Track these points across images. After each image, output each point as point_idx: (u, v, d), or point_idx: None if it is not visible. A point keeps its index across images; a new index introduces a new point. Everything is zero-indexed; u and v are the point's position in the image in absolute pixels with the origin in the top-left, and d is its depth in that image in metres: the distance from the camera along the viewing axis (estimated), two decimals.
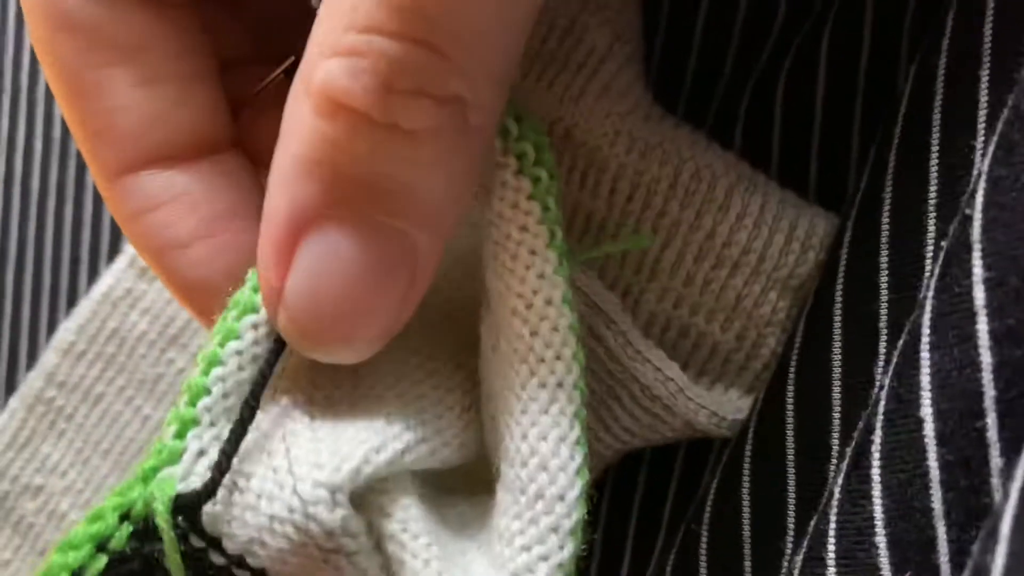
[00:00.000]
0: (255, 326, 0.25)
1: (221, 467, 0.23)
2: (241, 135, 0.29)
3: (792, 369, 0.28)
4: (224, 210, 0.27)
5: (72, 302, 0.40)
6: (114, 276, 0.38)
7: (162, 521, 0.23)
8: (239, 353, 0.24)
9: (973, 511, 0.22)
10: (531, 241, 0.25)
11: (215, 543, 0.23)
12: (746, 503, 0.28)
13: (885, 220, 0.27)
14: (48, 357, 0.38)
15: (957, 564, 0.22)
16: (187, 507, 0.23)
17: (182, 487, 0.23)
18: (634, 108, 0.31)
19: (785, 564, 0.27)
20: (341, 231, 0.23)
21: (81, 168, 0.41)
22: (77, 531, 0.23)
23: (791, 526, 0.27)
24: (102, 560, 0.23)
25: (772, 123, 0.35)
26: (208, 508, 0.23)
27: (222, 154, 0.28)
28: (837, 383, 0.27)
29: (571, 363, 0.24)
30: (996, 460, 0.21)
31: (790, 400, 0.28)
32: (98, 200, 0.41)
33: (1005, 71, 0.25)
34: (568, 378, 0.24)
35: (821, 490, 0.26)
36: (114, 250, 0.40)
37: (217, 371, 0.24)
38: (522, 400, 0.24)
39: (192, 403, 0.24)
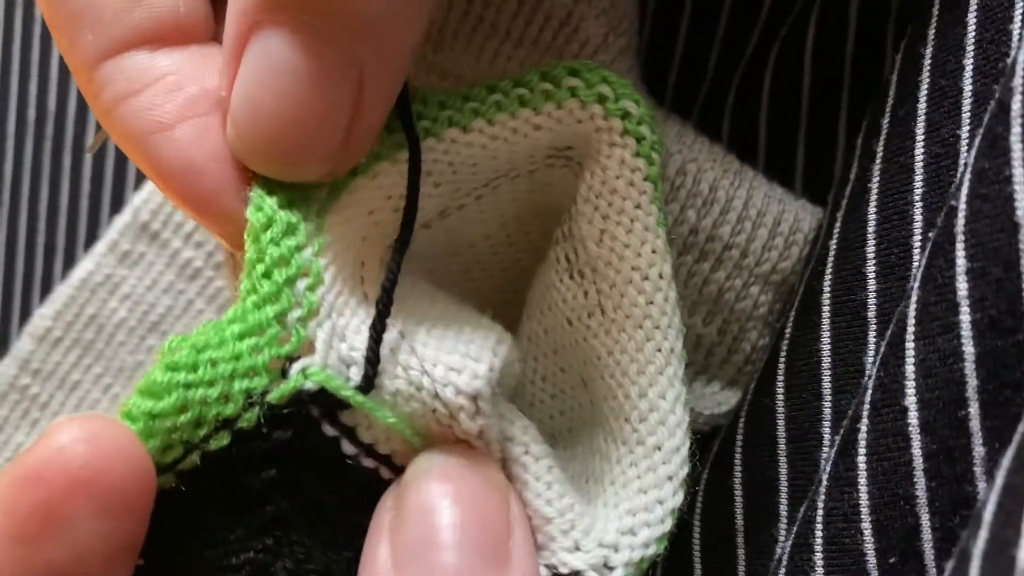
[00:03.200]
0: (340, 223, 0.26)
1: (372, 364, 0.24)
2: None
3: (782, 359, 0.29)
4: (211, 89, 0.26)
5: (46, 290, 0.40)
6: (93, 262, 0.38)
7: (364, 401, 0.24)
8: (331, 246, 0.25)
9: (956, 499, 0.22)
10: (644, 218, 0.27)
11: (349, 432, 0.25)
12: (738, 492, 0.29)
13: (872, 210, 0.27)
14: (23, 344, 0.38)
15: (941, 551, 0.23)
16: (324, 398, 0.24)
17: (344, 378, 0.24)
18: None
19: (778, 550, 0.28)
20: (279, 36, 0.24)
21: (57, 151, 0.41)
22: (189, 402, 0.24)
23: (783, 513, 0.28)
24: (223, 439, 0.24)
25: (759, 112, 0.35)
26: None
27: (207, 44, 0.27)
28: (827, 372, 0.28)
29: (679, 331, 0.27)
30: (979, 449, 0.22)
31: (780, 390, 0.29)
32: (75, 185, 0.41)
33: (988, 60, 0.26)
34: (677, 345, 0.27)
35: (813, 477, 0.27)
36: (92, 237, 0.40)
37: (324, 260, 0.25)
38: (638, 362, 0.26)
39: (312, 288, 0.25)
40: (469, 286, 0.31)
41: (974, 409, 0.22)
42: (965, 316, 0.23)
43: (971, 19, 0.26)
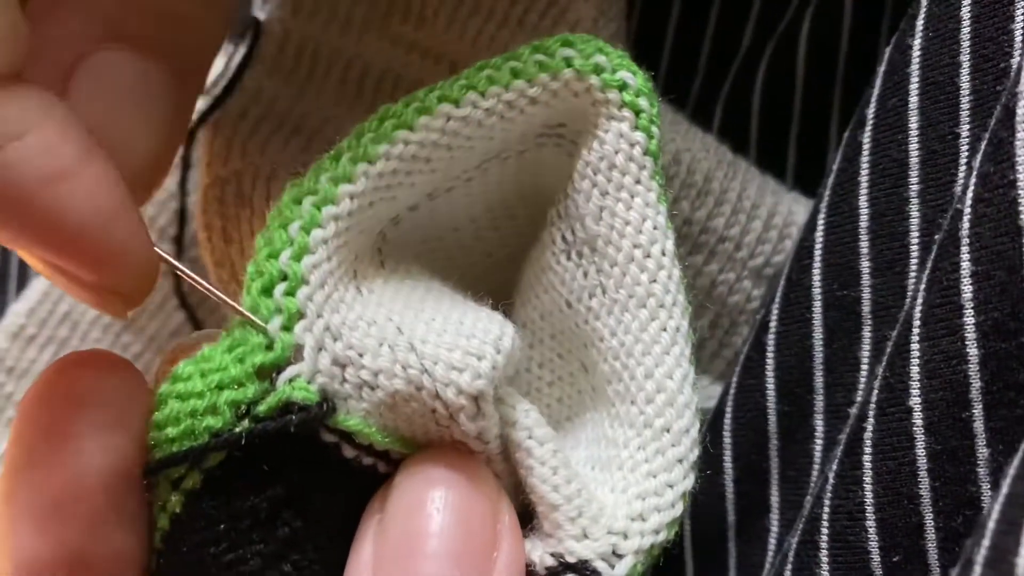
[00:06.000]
0: (336, 218, 0.25)
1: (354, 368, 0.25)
2: None
3: (770, 354, 0.30)
4: (88, 137, 0.24)
5: (22, 286, 0.40)
6: None
7: (343, 419, 0.24)
8: (325, 242, 0.25)
9: (960, 499, 0.23)
10: (645, 194, 0.27)
11: (347, 436, 0.25)
12: (730, 489, 0.30)
13: (863, 205, 0.28)
14: None
15: (944, 549, 0.24)
16: (317, 407, 0.24)
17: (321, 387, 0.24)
18: None
19: (772, 541, 0.28)
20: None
21: None
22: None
23: (775, 505, 0.29)
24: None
25: (751, 105, 0.36)
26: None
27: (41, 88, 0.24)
28: (820, 367, 0.28)
29: (685, 309, 0.27)
30: (982, 451, 0.23)
31: (770, 385, 0.29)
32: None
33: (988, 58, 0.26)
34: (683, 323, 0.27)
35: (806, 470, 0.28)
36: None
37: (309, 259, 0.25)
38: (643, 342, 0.26)
39: (291, 292, 0.24)
40: (454, 272, 0.30)
41: (978, 411, 0.23)
42: (969, 319, 0.23)
43: (965, 13, 0.27)
